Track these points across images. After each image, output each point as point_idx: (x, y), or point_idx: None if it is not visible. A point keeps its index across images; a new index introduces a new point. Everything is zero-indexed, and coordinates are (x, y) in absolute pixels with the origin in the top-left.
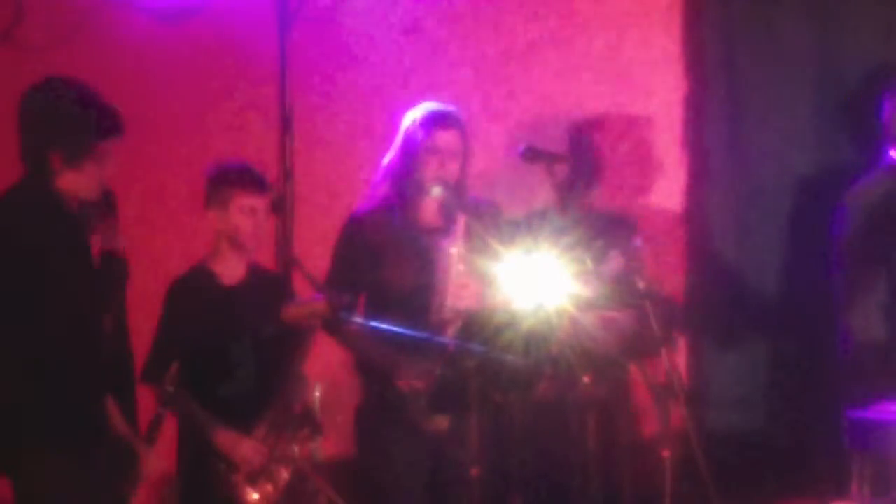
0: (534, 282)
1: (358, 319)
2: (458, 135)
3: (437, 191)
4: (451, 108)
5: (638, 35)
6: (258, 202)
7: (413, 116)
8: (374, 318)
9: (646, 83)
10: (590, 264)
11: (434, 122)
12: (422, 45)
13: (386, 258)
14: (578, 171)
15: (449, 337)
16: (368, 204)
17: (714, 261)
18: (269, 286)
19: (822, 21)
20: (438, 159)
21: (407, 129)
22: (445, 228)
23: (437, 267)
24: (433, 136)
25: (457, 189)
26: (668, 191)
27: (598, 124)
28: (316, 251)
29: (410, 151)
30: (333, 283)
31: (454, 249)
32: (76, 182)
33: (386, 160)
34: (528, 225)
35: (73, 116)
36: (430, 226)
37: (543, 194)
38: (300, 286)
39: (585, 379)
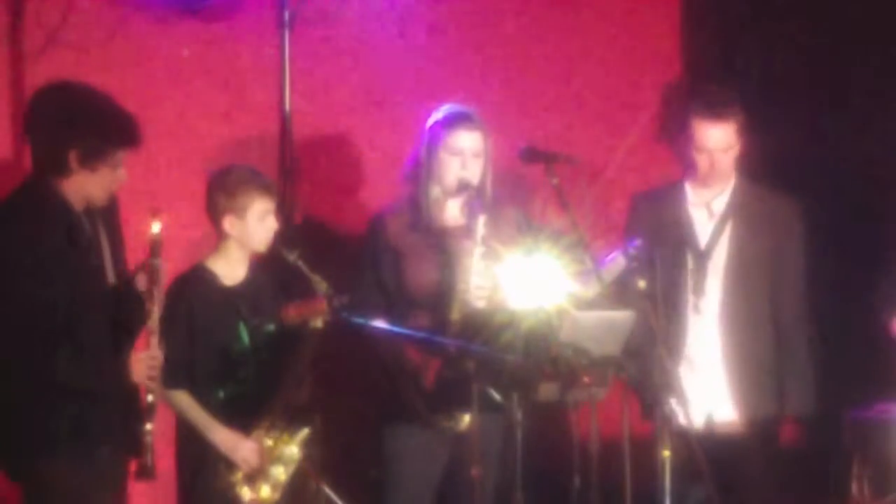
0: (534, 282)
1: (358, 320)
2: (480, 136)
3: None
4: (472, 109)
5: (637, 36)
6: (272, 205)
7: (435, 117)
8: (398, 317)
9: (645, 83)
10: (590, 264)
11: (456, 122)
12: (421, 46)
13: (408, 258)
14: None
15: (450, 337)
16: (392, 204)
17: None
18: (270, 286)
19: (820, 21)
20: (460, 160)
21: (429, 130)
22: (468, 229)
23: (459, 267)
24: (455, 136)
25: (479, 190)
26: None
27: (597, 124)
28: (316, 251)
29: (433, 152)
30: (360, 283)
31: (475, 248)
32: (88, 183)
33: (409, 160)
34: (528, 225)
35: (96, 117)
36: (453, 226)
37: (543, 194)
38: (300, 286)
39: (585, 379)
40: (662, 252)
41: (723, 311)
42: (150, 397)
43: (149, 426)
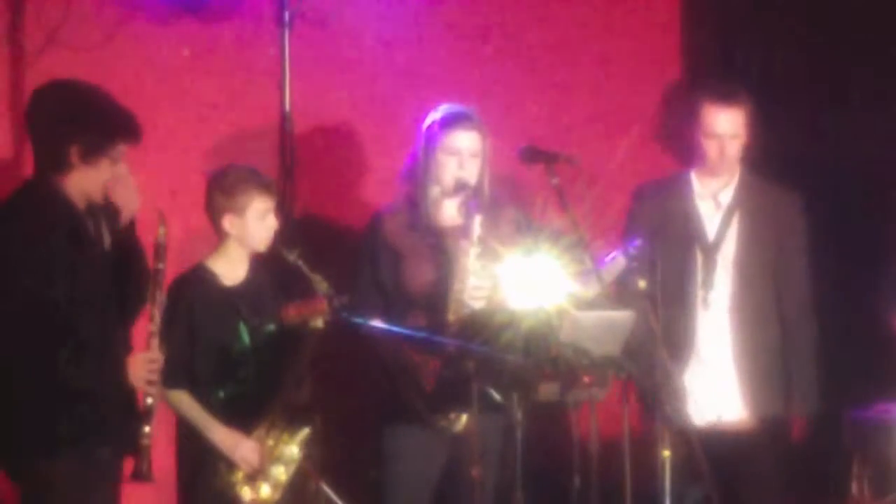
0: (534, 282)
1: (358, 320)
2: (478, 136)
3: None
4: (470, 109)
5: (637, 36)
6: (272, 204)
7: (433, 117)
8: (395, 317)
9: (645, 83)
10: (590, 264)
11: (453, 122)
12: (421, 45)
13: (406, 258)
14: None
15: (450, 337)
16: (390, 204)
17: None
18: (270, 286)
19: (820, 19)
20: (457, 160)
21: (427, 130)
22: (465, 229)
23: (455, 267)
24: (452, 136)
25: (476, 190)
26: None
27: (597, 124)
28: (316, 251)
29: (430, 152)
30: (357, 284)
31: (471, 248)
32: (89, 179)
33: (407, 160)
34: (527, 225)
35: (95, 112)
36: (451, 226)
37: (543, 194)
38: (300, 286)
39: (585, 379)
40: (669, 245)
41: (733, 304)
42: (148, 399)
43: (147, 429)
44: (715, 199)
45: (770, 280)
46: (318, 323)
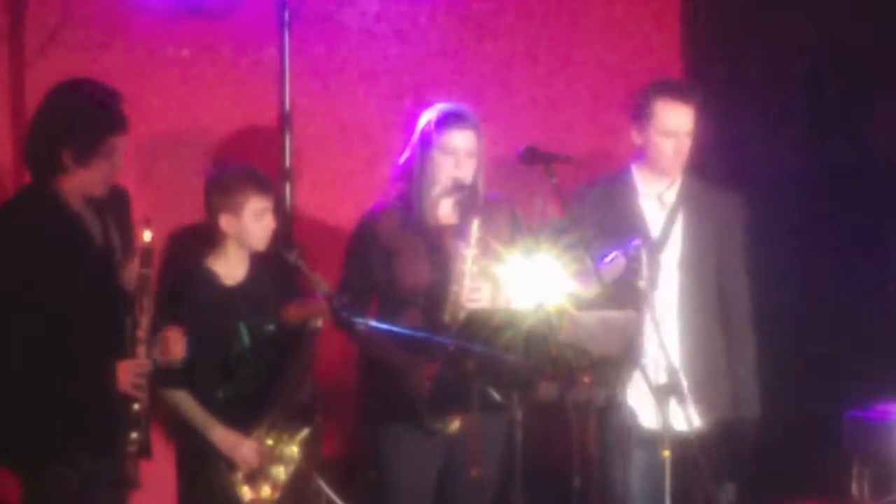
0: (534, 282)
1: (359, 319)
2: (473, 135)
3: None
4: (465, 108)
5: (637, 35)
6: (269, 204)
7: (428, 116)
8: (388, 316)
9: (645, 83)
10: (590, 264)
11: (449, 122)
12: (422, 46)
13: (400, 257)
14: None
15: (449, 337)
16: (384, 202)
17: None
18: (270, 286)
19: (822, 20)
20: (453, 159)
21: (422, 129)
22: (460, 228)
23: (451, 267)
24: (448, 136)
25: (472, 189)
26: None
27: (597, 124)
28: (316, 251)
29: (426, 151)
30: (349, 281)
31: (468, 251)
32: (85, 179)
33: (402, 159)
34: (522, 225)
35: (82, 115)
36: (445, 225)
37: (543, 194)
38: (300, 286)
39: (585, 379)
40: (614, 245)
41: (681, 305)
42: (135, 406)
43: (134, 435)
44: (660, 198)
45: (713, 282)
46: (318, 323)
